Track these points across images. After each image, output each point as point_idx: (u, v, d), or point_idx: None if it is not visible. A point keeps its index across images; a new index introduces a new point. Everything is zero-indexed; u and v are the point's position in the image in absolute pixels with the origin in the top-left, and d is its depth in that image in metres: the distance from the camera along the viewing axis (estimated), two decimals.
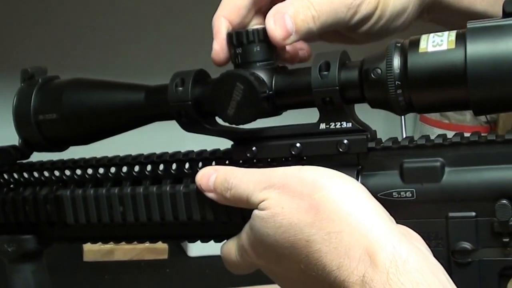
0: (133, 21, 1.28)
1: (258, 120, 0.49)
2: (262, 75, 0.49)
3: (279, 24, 0.48)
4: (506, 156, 0.45)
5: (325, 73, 0.47)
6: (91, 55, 1.26)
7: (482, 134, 0.46)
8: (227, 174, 0.48)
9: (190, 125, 0.51)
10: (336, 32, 0.55)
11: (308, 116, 0.51)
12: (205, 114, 0.50)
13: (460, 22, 0.56)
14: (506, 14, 0.43)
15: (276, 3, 0.52)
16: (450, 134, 0.47)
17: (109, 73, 1.16)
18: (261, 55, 0.49)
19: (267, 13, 0.50)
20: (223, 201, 0.49)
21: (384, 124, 1.06)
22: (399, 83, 0.45)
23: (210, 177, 0.49)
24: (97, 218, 0.55)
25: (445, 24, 0.59)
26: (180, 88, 0.50)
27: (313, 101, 0.48)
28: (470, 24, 0.44)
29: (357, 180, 0.47)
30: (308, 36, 0.50)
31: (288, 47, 0.52)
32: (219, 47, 0.50)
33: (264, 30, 0.49)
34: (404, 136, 1.17)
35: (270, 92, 0.49)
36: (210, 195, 0.50)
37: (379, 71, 0.45)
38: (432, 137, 0.47)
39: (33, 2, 1.21)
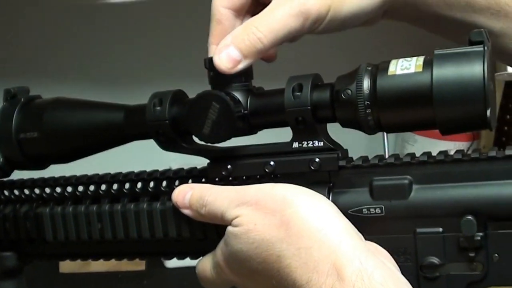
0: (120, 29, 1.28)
1: (235, 139, 0.51)
2: (238, 95, 0.51)
3: (224, 56, 0.50)
4: (470, 174, 0.47)
5: (298, 93, 0.49)
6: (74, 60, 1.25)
7: (448, 153, 0.48)
8: (202, 191, 0.50)
9: (167, 144, 0.52)
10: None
11: (284, 134, 0.52)
12: (182, 133, 0.52)
13: (424, 17, 0.58)
14: (471, 43, 0.46)
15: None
16: (432, 142, 0.49)
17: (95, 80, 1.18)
18: (236, 77, 0.51)
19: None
20: (199, 218, 0.51)
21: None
22: (368, 103, 0.47)
23: (186, 194, 0.51)
24: (75, 235, 0.56)
25: (411, 23, 0.60)
26: (158, 108, 0.52)
27: (287, 120, 0.49)
28: (438, 51, 0.46)
29: (328, 197, 0.49)
30: (262, 55, 0.52)
31: None
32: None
33: None
34: (386, 144, 1.19)
35: (245, 112, 0.51)
36: (186, 211, 0.51)
37: (349, 92, 0.47)
38: (409, 151, 0.49)
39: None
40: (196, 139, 0.52)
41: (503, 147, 0.47)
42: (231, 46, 0.50)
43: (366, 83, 0.47)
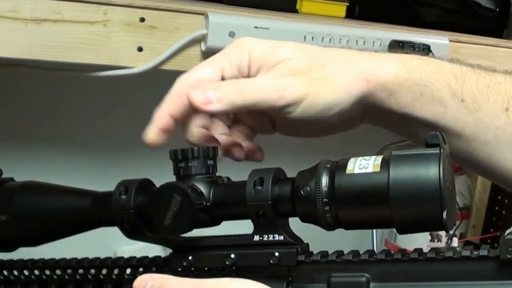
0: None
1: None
2: (201, 187, 0.52)
3: (201, 92, 0.53)
4: (427, 273, 0.47)
5: (259, 188, 0.50)
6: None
7: (406, 253, 0.48)
8: (162, 282, 0.50)
9: (131, 232, 0.53)
10: (281, 123, 0.58)
11: (249, 224, 0.53)
12: (146, 222, 0.53)
13: (403, 127, 0.59)
14: (428, 145, 0.47)
15: None
16: None
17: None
18: (200, 169, 0.52)
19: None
20: None
21: None
22: (326, 200, 0.48)
23: (146, 284, 0.51)
24: None
25: (390, 129, 0.62)
26: (124, 196, 0.53)
27: (248, 213, 0.50)
28: (395, 152, 0.47)
29: None
30: (234, 110, 0.54)
31: (243, 148, 0.57)
32: (152, 130, 0.55)
33: (202, 148, 0.52)
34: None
35: (208, 204, 0.51)
36: None
37: (308, 188, 0.48)
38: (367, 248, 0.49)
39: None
40: None
41: (494, 227, 0.48)
42: (210, 89, 0.53)
43: (324, 181, 0.48)
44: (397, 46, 1.08)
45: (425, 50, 1.09)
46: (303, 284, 0.49)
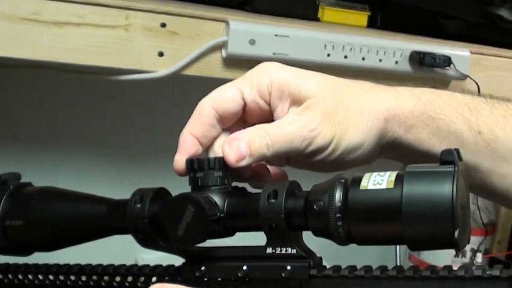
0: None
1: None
2: (216, 198, 0.52)
3: (234, 149, 0.53)
4: None
5: (273, 201, 0.50)
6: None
7: (419, 271, 0.48)
8: None
9: (145, 241, 0.54)
10: (296, 159, 0.58)
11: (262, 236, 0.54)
12: (160, 232, 0.53)
13: (421, 162, 0.58)
14: (442, 162, 0.47)
15: (244, 124, 0.57)
16: None
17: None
18: (215, 180, 0.52)
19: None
20: None
21: None
22: (339, 215, 0.48)
23: None
24: None
25: (408, 163, 0.61)
26: (138, 205, 0.53)
27: (261, 226, 0.50)
28: (409, 168, 0.47)
29: None
30: (263, 160, 0.54)
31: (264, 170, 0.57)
32: (180, 158, 0.55)
33: (218, 159, 0.53)
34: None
35: (221, 215, 0.52)
36: None
37: (321, 203, 0.49)
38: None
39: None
40: None
41: None
42: (243, 141, 0.53)
43: (338, 196, 0.48)
44: (417, 57, 1.08)
45: (445, 61, 1.09)
46: None
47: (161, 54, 0.97)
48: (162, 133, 1.21)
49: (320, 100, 0.55)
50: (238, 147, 0.53)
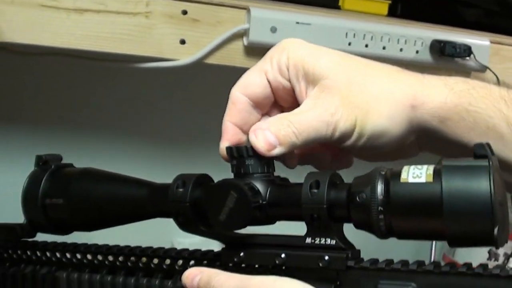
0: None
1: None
2: (258, 185, 0.52)
3: (261, 138, 0.53)
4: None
5: (315, 191, 0.50)
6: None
7: (455, 267, 0.48)
8: (210, 276, 0.51)
9: (186, 225, 0.54)
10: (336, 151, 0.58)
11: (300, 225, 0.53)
12: (201, 217, 0.54)
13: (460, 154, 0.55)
14: (476, 156, 0.47)
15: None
16: None
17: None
18: (257, 167, 0.53)
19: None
20: None
21: None
22: (381, 208, 0.48)
23: (194, 277, 0.52)
24: None
25: (448, 156, 0.58)
26: (181, 190, 0.54)
27: (302, 215, 0.51)
28: (446, 162, 0.47)
29: None
30: (295, 148, 0.54)
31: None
32: (223, 146, 0.55)
33: None
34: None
35: (263, 202, 0.52)
36: None
37: (364, 195, 0.49)
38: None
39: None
40: None
41: None
42: (267, 130, 0.53)
43: (379, 188, 0.48)
44: (438, 47, 1.07)
45: (466, 50, 1.09)
46: None
47: (183, 41, 0.97)
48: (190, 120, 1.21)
49: (335, 81, 0.54)
50: (265, 137, 0.53)
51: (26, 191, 0.61)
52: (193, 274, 0.53)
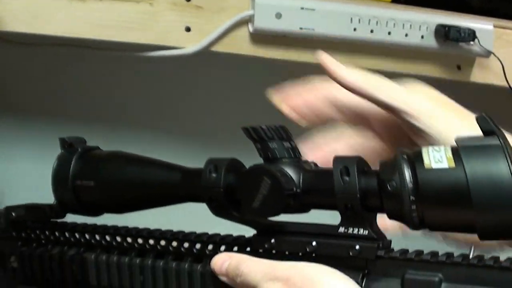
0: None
1: None
2: (290, 171, 0.52)
3: (333, 61, 0.55)
4: (499, 281, 0.47)
5: (346, 178, 0.49)
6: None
7: (483, 259, 0.48)
8: (239, 261, 0.52)
9: (218, 210, 0.54)
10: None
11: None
12: (234, 202, 0.54)
13: None
14: (485, 132, 0.46)
15: None
16: None
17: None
18: (289, 152, 0.52)
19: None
20: (234, 285, 0.53)
21: None
22: (413, 198, 0.47)
23: (224, 262, 0.53)
24: (118, 283, 0.59)
25: None
26: (214, 175, 0.54)
27: (337, 205, 0.50)
28: (459, 141, 0.47)
29: (362, 282, 0.50)
30: (359, 93, 0.56)
31: None
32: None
33: (282, 127, 0.52)
34: None
35: (298, 191, 0.51)
36: (223, 278, 0.53)
37: (394, 183, 0.48)
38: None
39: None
40: None
41: None
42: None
43: (407, 175, 0.47)
44: (443, 31, 1.06)
45: (470, 35, 1.08)
46: (379, 277, 0.50)
47: (188, 29, 0.96)
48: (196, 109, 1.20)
49: None
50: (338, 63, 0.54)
51: (56, 173, 0.61)
52: (223, 259, 0.53)
